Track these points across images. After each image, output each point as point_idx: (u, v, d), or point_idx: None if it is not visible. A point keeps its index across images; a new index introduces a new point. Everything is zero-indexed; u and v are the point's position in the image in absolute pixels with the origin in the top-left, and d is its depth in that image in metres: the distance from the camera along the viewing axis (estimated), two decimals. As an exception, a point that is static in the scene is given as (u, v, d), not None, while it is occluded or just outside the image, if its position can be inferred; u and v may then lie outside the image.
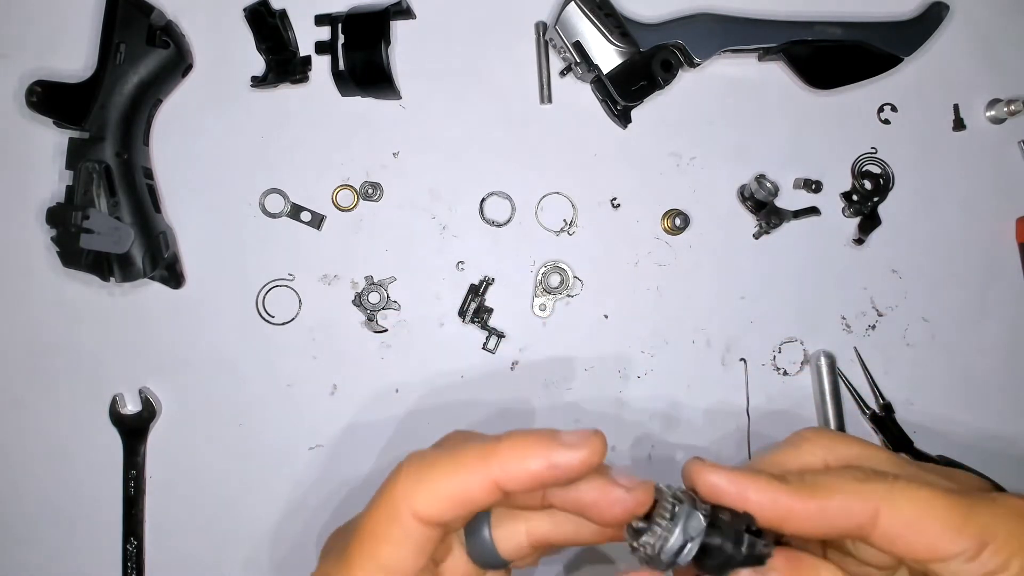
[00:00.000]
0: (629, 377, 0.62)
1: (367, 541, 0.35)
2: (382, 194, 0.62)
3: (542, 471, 0.33)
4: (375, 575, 0.35)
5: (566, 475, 0.34)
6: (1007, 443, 0.63)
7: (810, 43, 0.60)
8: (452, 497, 0.34)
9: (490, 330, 0.61)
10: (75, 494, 0.60)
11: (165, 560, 0.60)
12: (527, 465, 0.33)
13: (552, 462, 0.33)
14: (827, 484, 0.35)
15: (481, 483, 0.33)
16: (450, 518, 0.34)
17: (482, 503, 0.34)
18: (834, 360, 0.62)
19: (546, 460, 0.33)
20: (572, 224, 0.62)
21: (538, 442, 0.34)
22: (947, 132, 0.63)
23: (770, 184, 0.60)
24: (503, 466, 0.33)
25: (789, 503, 0.34)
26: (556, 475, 0.33)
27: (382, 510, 0.35)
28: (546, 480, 0.34)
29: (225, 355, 0.61)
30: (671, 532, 0.33)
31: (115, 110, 0.57)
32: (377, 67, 0.59)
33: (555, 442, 0.33)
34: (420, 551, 0.35)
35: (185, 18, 0.60)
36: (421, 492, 0.34)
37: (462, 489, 0.34)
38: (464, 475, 0.34)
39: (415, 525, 0.34)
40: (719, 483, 0.35)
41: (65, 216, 0.56)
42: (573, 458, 0.33)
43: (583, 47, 0.59)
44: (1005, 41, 0.64)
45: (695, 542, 0.33)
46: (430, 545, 0.35)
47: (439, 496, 0.34)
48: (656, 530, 0.33)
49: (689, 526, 0.33)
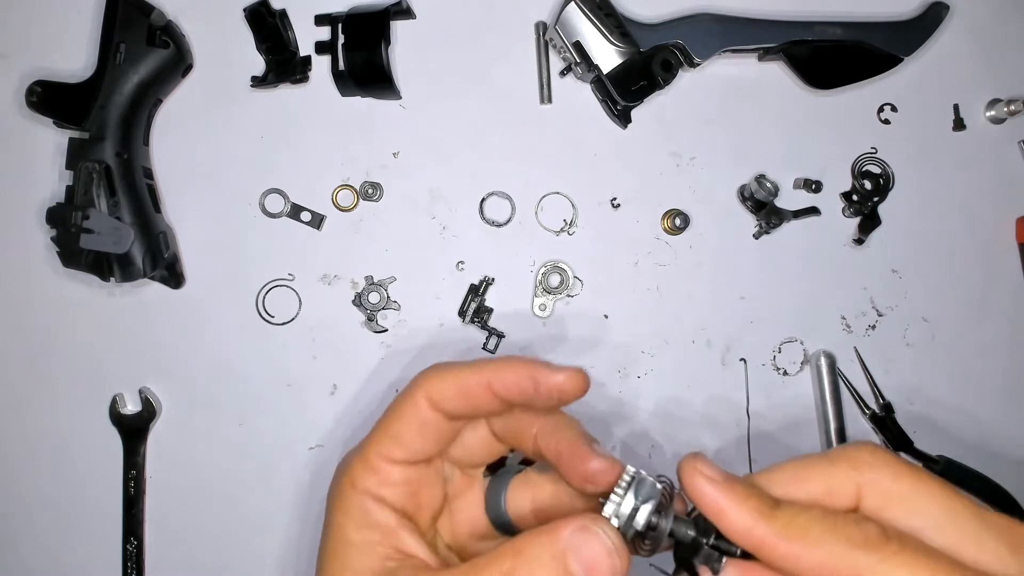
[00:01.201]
0: (629, 377, 0.62)
1: (386, 419, 0.43)
2: (382, 194, 0.62)
3: (524, 381, 0.40)
4: (388, 445, 0.42)
5: (546, 393, 0.40)
6: (1007, 443, 0.63)
7: (810, 43, 0.60)
8: (456, 387, 0.41)
9: (490, 330, 0.61)
10: (75, 494, 0.60)
11: (165, 560, 0.60)
12: (514, 373, 0.40)
13: (533, 376, 0.40)
14: (814, 533, 0.32)
15: (478, 382, 0.41)
16: (452, 407, 0.42)
17: (480, 402, 0.41)
18: (834, 360, 0.62)
19: (528, 374, 0.40)
20: (572, 224, 0.62)
21: (528, 362, 0.41)
22: (947, 132, 0.63)
23: (770, 184, 0.60)
24: (496, 372, 0.41)
25: (763, 538, 0.32)
26: (537, 390, 0.40)
27: (402, 396, 0.43)
28: (527, 391, 0.40)
29: (225, 355, 0.61)
30: (622, 497, 0.36)
31: (115, 110, 0.57)
32: (377, 67, 0.59)
33: (541, 365, 0.41)
34: (428, 432, 0.42)
35: (185, 18, 0.60)
36: (433, 382, 0.42)
37: (463, 383, 0.41)
38: (467, 374, 0.41)
39: (426, 407, 0.42)
40: (703, 491, 0.34)
41: (65, 216, 0.56)
42: (551, 379, 0.40)
43: (583, 47, 0.59)
44: (1005, 41, 0.64)
45: (648, 506, 0.35)
46: (437, 432, 0.42)
47: (446, 385, 0.42)
48: (613, 497, 0.36)
49: (640, 492, 0.35)
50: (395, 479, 0.42)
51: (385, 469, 0.42)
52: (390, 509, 0.42)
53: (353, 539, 0.41)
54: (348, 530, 0.42)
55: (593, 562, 0.34)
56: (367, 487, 0.42)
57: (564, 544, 0.35)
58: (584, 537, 0.35)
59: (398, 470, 0.42)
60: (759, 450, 0.62)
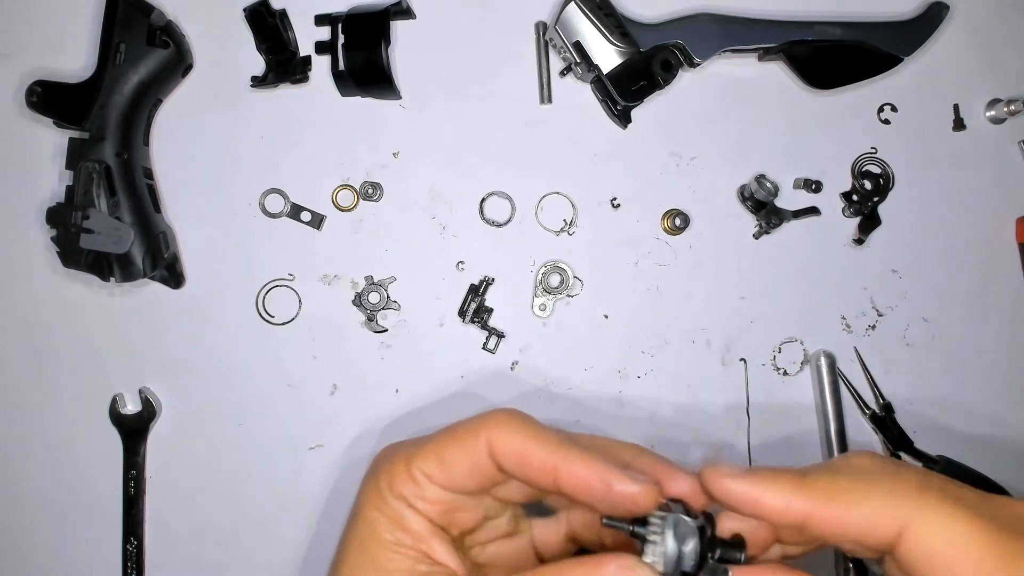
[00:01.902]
0: (629, 377, 0.62)
1: (443, 440, 0.41)
2: (382, 194, 0.62)
3: (595, 483, 0.37)
4: (434, 466, 0.41)
5: (618, 501, 0.36)
6: (1007, 443, 0.63)
7: (810, 43, 0.60)
8: (520, 454, 0.39)
9: (490, 330, 0.61)
10: (75, 494, 0.60)
11: (165, 560, 0.60)
12: (586, 471, 0.37)
13: (607, 481, 0.36)
14: (853, 491, 0.33)
15: (544, 463, 0.38)
16: (508, 467, 0.39)
17: (538, 479, 0.38)
18: (834, 360, 0.62)
19: (602, 478, 0.37)
20: (572, 224, 0.62)
21: (602, 463, 0.37)
22: (947, 132, 0.63)
23: (770, 184, 0.60)
24: (567, 462, 0.37)
25: (805, 509, 0.33)
26: (607, 497, 0.36)
27: (468, 428, 0.41)
28: (596, 493, 0.37)
29: (225, 355, 0.61)
30: (663, 539, 0.34)
31: (115, 110, 0.57)
32: (377, 67, 0.59)
33: (616, 469, 0.37)
34: (477, 475, 0.40)
35: (185, 18, 0.60)
36: (502, 435, 0.39)
37: (529, 455, 0.38)
38: (537, 449, 0.38)
39: (485, 454, 0.40)
40: (733, 489, 0.35)
41: (65, 216, 0.56)
42: (627, 489, 0.36)
43: (583, 47, 0.59)
44: (1005, 41, 0.64)
45: (691, 546, 0.34)
46: (487, 478, 0.40)
47: (512, 447, 0.39)
48: (652, 538, 0.34)
49: (678, 532, 0.34)
50: (431, 496, 0.42)
51: (424, 484, 0.42)
52: (424, 518, 0.41)
53: (385, 538, 0.41)
54: (381, 528, 0.41)
55: None
56: (403, 493, 0.42)
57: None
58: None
59: (436, 490, 0.42)
60: (759, 450, 0.62)
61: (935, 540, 0.32)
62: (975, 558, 0.31)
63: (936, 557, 0.32)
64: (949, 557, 0.32)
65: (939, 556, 0.32)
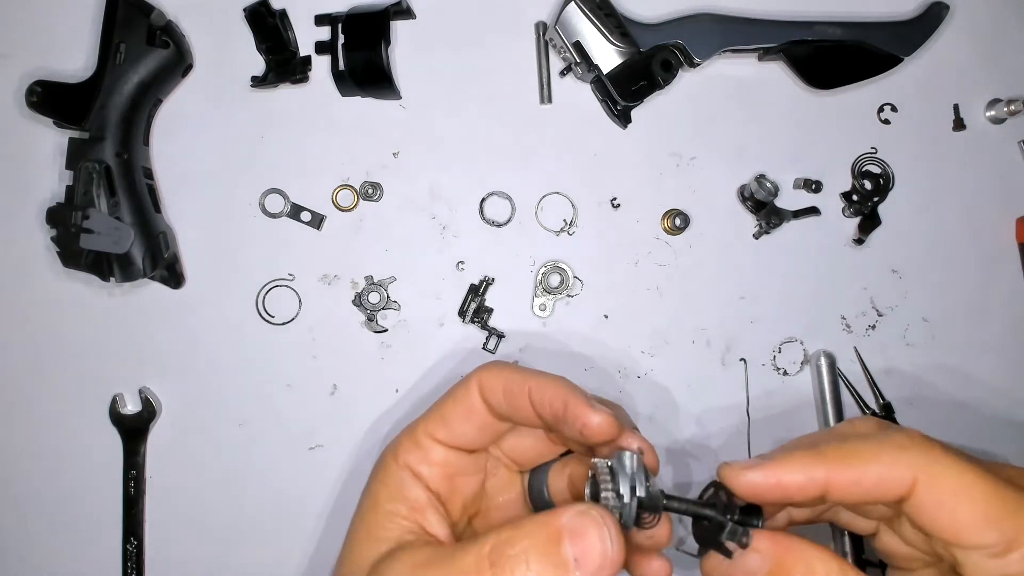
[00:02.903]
0: (629, 377, 0.62)
1: (440, 401, 0.46)
2: (382, 194, 0.62)
3: (557, 402, 0.42)
4: (435, 424, 0.45)
5: (571, 421, 0.41)
6: (1007, 443, 0.63)
7: (810, 43, 0.60)
8: (502, 384, 0.44)
9: (490, 330, 0.61)
10: (75, 494, 0.60)
11: (165, 560, 0.60)
12: (553, 391, 0.42)
13: (566, 401, 0.41)
14: (865, 451, 0.36)
15: (521, 386, 0.43)
16: (496, 402, 0.44)
17: (518, 405, 0.43)
18: (834, 360, 0.62)
19: (563, 398, 0.41)
20: (572, 224, 0.62)
21: (570, 388, 0.42)
22: (947, 132, 0.63)
23: (770, 184, 0.60)
24: (538, 383, 0.42)
25: (825, 476, 0.36)
26: (565, 416, 0.41)
27: (459, 383, 0.46)
28: (557, 412, 0.42)
29: (225, 355, 0.61)
30: (614, 483, 0.37)
31: (115, 110, 0.57)
32: (377, 67, 0.59)
33: (582, 396, 0.42)
34: (474, 420, 0.45)
35: (185, 18, 0.60)
36: (486, 374, 0.45)
37: (509, 382, 0.43)
38: (515, 376, 0.44)
39: (477, 396, 0.45)
40: (754, 480, 0.37)
41: (65, 216, 0.56)
42: (582, 412, 0.41)
43: (583, 47, 0.59)
44: (1005, 41, 0.64)
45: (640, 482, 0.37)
46: (483, 423, 0.45)
47: (495, 381, 0.44)
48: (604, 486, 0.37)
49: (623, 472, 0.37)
50: (435, 458, 0.45)
51: (428, 446, 0.45)
52: (424, 487, 0.44)
53: (383, 507, 0.43)
54: (381, 498, 0.44)
55: (588, 545, 0.35)
56: (408, 461, 0.44)
57: (562, 525, 0.35)
58: (582, 521, 0.35)
59: (440, 450, 0.45)
60: (759, 450, 0.62)
61: (944, 489, 0.34)
62: (981, 505, 0.34)
63: (945, 504, 0.34)
64: (957, 504, 0.34)
65: (948, 503, 0.34)
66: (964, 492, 0.34)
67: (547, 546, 0.34)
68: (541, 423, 0.43)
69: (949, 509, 0.34)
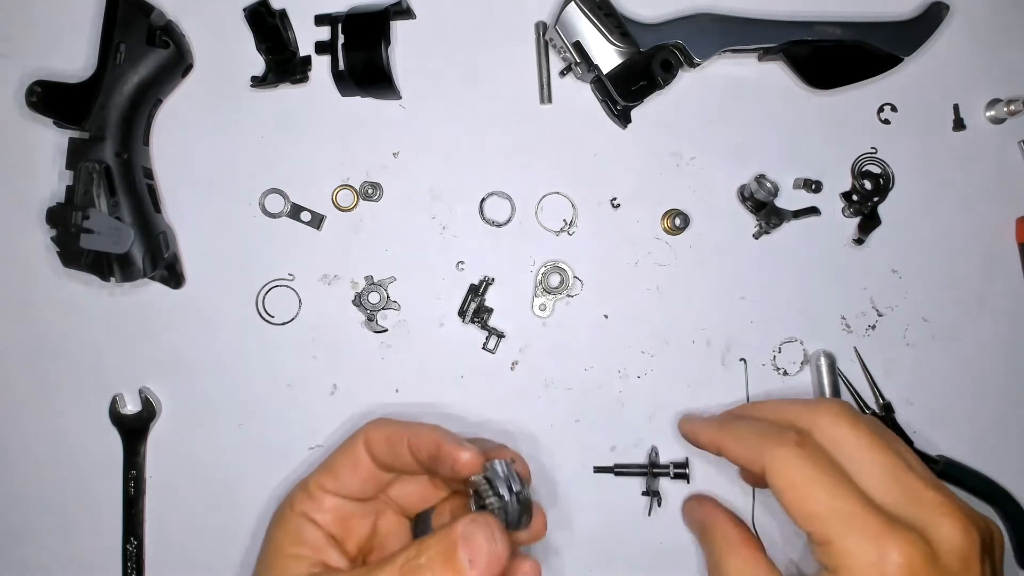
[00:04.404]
0: (629, 377, 0.62)
1: (330, 455, 0.51)
2: (382, 194, 0.62)
3: (431, 445, 0.46)
4: (325, 476, 0.50)
5: (443, 460, 0.46)
6: (1007, 443, 0.63)
7: (810, 43, 0.60)
8: (385, 436, 0.49)
9: (490, 330, 0.61)
10: (75, 494, 0.61)
11: (165, 560, 0.60)
12: (428, 436, 0.47)
13: (438, 443, 0.46)
14: (744, 433, 0.48)
15: (401, 436, 0.48)
16: (379, 453, 0.49)
17: (400, 453, 0.48)
18: (834, 360, 0.62)
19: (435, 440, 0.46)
20: (572, 224, 0.62)
21: (442, 432, 0.47)
22: (947, 132, 0.63)
23: (770, 184, 0.60)
24: (416, 430, 0.48)
25: (719, 442, 0.51)
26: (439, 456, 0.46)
27: (348, 439, 0.51)
28: (432, 454, 0.46)
29: (225, 355, 0.61)
30: (493, 490, 0.44)
31: (115, 110, 0.57)
32: (377, 67, 0.59)
33: (452, 438, 0.47)
34: (360, 472, 0.49)
35: (185, 18, 0.60)
36: (371, 428, 0.50)
37: (391, 434, 0.49)
38: (396, 428, 0.49)
39: (362, 450, 0.49)
40: (687, 430, 0.56)
41: (65, 216, 0.56)
42: (452, 451, 0.46)
43: (583, 47, 0.59)
44: (1005, 41, 0.64)
45: (515, 488, 0.44)
46: (369, 474, 0.50)
47: (379, 434, 0.49)
48: (485, 493, 0.44)
49: (499, 480, 0.44)
50: (327, 506, 0.49)
51: (320, 496, 0.49)
52: (321, 530, 0.48)
53: (287, 551, 0.48)
54: (283, 543, 0.48)
55: (477, 547, 0.41)
56: (303, 510, 0.49)
57: (458, 534, 0.41)
58: (471, 528, 0.42)
59: (331, 499, 0.50)
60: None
61: (780, 479, 0.44)
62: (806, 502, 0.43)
63: (780, 491, 0.44)
64: (783, 495, 0.44)
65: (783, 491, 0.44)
66: (797, 486, 0.43)
67: (446, 554, 0.41)
68: (420, 468, 0.48)
69: (781, 495, 0.44)
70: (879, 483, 0.43)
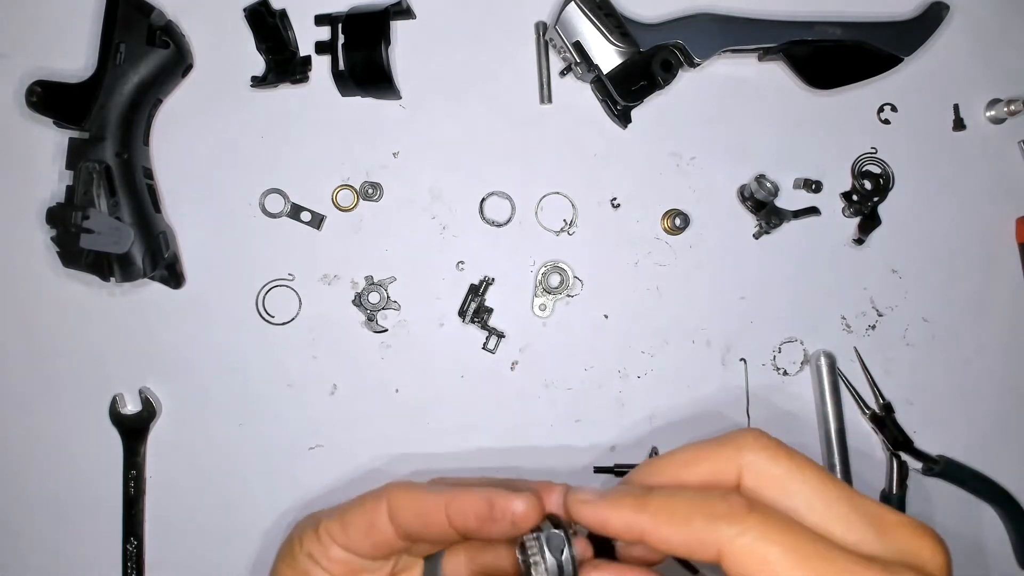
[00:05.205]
0: (629, 377, 0.62)
1: (351, 503, 0.45)
2: (382, 194, 0.62)
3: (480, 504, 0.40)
4: (337, 528, 0.45)
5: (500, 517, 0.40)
6: (1007, 443, 0.63)
7: (810, 43, 0.60)
8: (416, 506, 0.42)
9: (490, 330, 0.61)
10: (75, 494, 0.60)
11: (165, 560, 0.60)
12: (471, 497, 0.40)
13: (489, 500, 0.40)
14: (681, 512, 0.35)
15: (436, 504, 0.41)
16: (407, 523, 0.43)
17: (434, 523, 0.42)
18: (834, 360, 0.62)
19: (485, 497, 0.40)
20: (572, 224, 0.62)
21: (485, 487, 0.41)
22: (947, 132, 0.63)
23: (770, 184, 0.60)
24: (453, 494, 0.41)
25: (641, 527, 0.36)
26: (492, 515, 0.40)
27: (373, 492, 0.44)
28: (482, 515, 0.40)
29: (225, 355, 0.61)
30: (543, 559, 0.38)
31: (115, 110, 0.57)
32: (377, 67, 0.59)
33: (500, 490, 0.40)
34: (375, 537, 0.44)
35: (185, 18, 0.60)
36: (399, 493, 0.43)
37: (422, 503, 0.42)
38: (428, 495, 0.42)
39: (383, 515, 0.43)
40: (584, 515, 0.38)
41: (65, 216, 0.56)
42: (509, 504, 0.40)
43: (583, 47, 0.59)
44: (1005, 41, 0.64)
45: (566, 555, 0.38)
46: (386, 541, 0.44)
47: (407, 502, 0.43)
48: (534, 560, 0.38)
49: (552, 545, 0.38)
50: (335, 556, 0.46)
51: (327, 543, 0.46)
52: (328, 574, 0.45)
53: None
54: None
55: None
56: (310, 551, 0.46)
57: None
58: None
59: (338, 551, 0.45)
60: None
61: (746, 565, 0.33)
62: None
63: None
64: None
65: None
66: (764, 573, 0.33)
67: None
68: (459, 536, 0.42)
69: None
70: (836, 518, 0.36)
